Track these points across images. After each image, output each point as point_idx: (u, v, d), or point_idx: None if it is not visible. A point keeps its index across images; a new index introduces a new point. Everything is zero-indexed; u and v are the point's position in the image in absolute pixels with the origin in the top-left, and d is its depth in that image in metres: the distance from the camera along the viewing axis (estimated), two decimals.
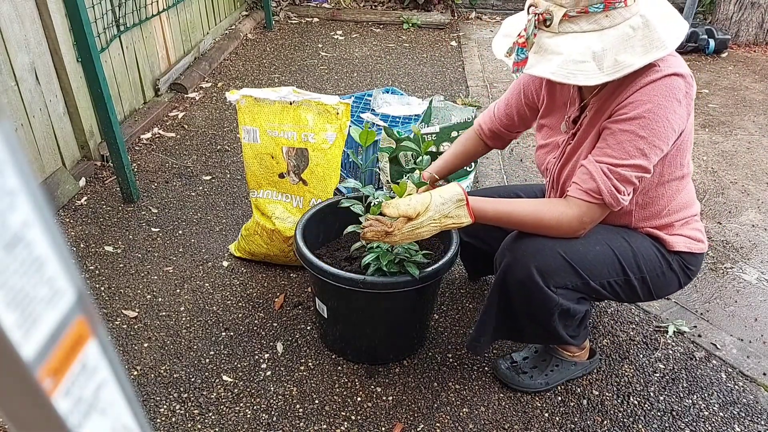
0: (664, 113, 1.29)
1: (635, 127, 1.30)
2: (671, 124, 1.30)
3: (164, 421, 1.59)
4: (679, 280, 1.57)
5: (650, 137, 1.30)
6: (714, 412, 1.68)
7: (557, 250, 1.43)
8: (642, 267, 1.50)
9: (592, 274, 1.46)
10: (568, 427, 1.62)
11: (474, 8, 5.54)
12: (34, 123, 2.35)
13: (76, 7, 2.00)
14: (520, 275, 1.45)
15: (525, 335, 1.63)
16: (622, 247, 1.49)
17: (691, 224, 1.57)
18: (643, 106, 1.29)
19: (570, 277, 1.45)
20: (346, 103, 1.92)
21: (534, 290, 1.44)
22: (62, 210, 2.44)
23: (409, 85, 3.85)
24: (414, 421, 1.62)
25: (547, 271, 1.42)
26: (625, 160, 1.32)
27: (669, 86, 1.29)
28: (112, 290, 2.04)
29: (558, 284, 1.45)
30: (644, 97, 1.29)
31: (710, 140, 3.26)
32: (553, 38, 1.27)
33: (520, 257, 1.44)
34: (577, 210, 1.39)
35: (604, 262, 1.47)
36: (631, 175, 1.33)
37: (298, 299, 2.03)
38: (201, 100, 3.50)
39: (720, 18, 4.79)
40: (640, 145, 1.31)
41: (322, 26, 4.92)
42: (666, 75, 1.29)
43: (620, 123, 1.33)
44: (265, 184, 2.05)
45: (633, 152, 1.31)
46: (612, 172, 1.33)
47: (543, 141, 1.65)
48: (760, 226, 2.54)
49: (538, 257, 1.43)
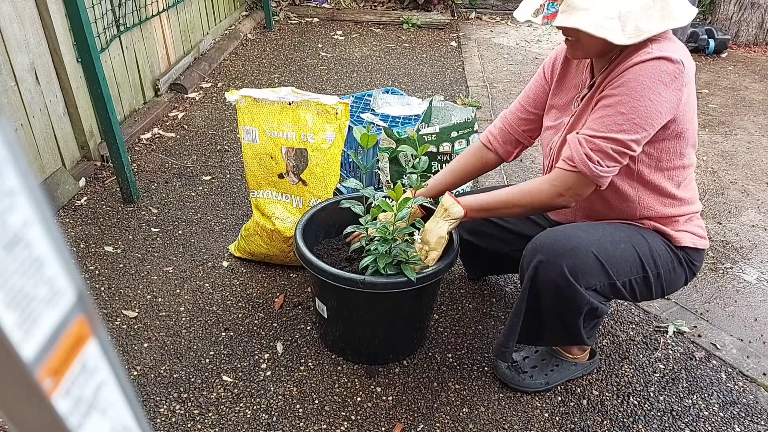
0: (647, 93, 1.33)
1: (616, 103, 1.36)
2: (654, 105, 1.33)
3: (164, 421, 1.59)
4: (686, 275, 1.59)
5: (629, 114, 1.34)
6: (714, 412, 1.68)
7: (590, 249, 1.44)
8: (658, 263, 1.52)
9: (618, 274, 1.47)
10: (568, 427, 1.62)
11: (474, 8, 5.54)
12: (34, 123, 2.35)
13: (76, 7, 2.00)
14: (552, 274, 1.44)
15: (544, 338, 1.62)
16: (640, 243, 1.51)
17: (694, 221, 1.60)
18: (627, 85, 1.34)
19: (599, 276, 1.45)
20: (345, 103, 1.92)
21: (566, 289, 1.44)
22: (62, 210, 2.43)
23: (409, 85, 3.85)
24: (414, 421, 1.62)
25: (581, 270, 1.43)
26: (602, 133, 1.37)
27: (655, 68, 1.32)
28: (112, 290, 2.04)
29: (588, 285, 1.45)
30: (630, 76, 1.34)
31: (710, 140, 3.26)
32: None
33: (553, 257, 1.44)
34: (552, 176, 1.45)
35: (627, 259, 1.48)
36: (606, 146, 1.36)
37: (298, 299, 2.03)
38: (201, 100, 3.50)
39: (720, 18, 4.79)
40: (618, 120, 1.35)
41: (322, 26, 4.92)
42: (654, 57, 1.32)
43: (604, 99, 1.38)
44: (264, 184, 2.05)
45: (611, 126, 1.36)
46: (587, 141, 1.38)
47: (551, 123, 1.65)
48: (760, 226, 2.54)
49: (571, 256, 1.43)
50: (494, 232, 1.84)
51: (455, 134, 2.24)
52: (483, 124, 3.21)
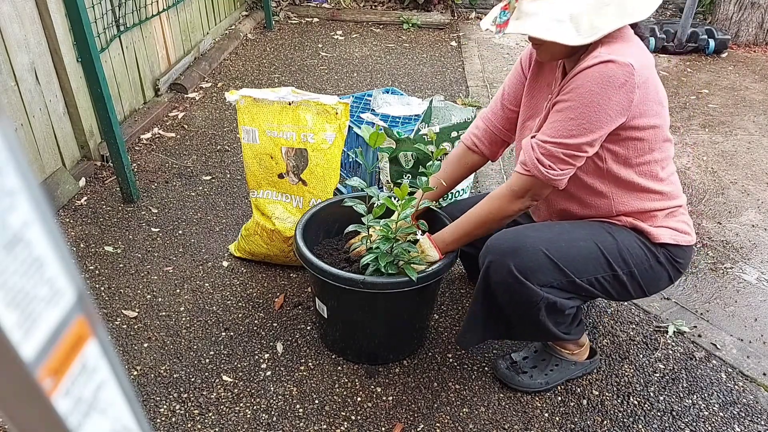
0: (595, 98, 1.34)
1: (566, 108, 1.38)
2: (603, 108, 1.34)
3: (164, 421, 1.59)
4: (669, 273, 1.56)
5: (578, 119, 1.36)
6: (714, 412, 1.68)
7: (539, 248, 1.45)
8: (629, 261, 1.50)
9: (576, 271, 1.47)
10: (568, 427, 1.62)
11: (474, 8, 5.54)
12: (34, 123, 2.35)
13: (76, 7, 2.00)
14: (500, 275, 1.47)
15: (515, 332, 1.64)
16: (606, 241, 1.50)
17: (676, 216, 1.57)
18: (575, 91, 1.36)
19: (553, 274, 1.46)
20: (345, 103, 1.92)
21: (516, 287, 1.46)
22: (62, 210, 2.44)
23: (409, 85, 3.85)
24: (414, 421, 1.62)
25: (529, 269, 1.44)
26: (553, 138, 1.39)
27: (602, 72, 1.32)
28: (112, 290, 2.04)
29: (542, 282, 1.45)
30: (579, 82, 1.35)
31: (710, 140, 3.26)
32: (532, 3, 1.35)
33: (500, 257, 1.47)
34: (510, 180, 1.48)
35: (588, 257, 1.47)
36: (557, 151, 1.39)
37: (298, 299, 2.03)
38: (201, 100, 3.50)
39: (720, 18, 4.79)
40: (568, 126, 1.37)
41: (322, 26, 4.92)
42: (601, 62, 1.32)
43: (557, 105, 1.41)
44: (264, 184, 2.05)
45: (561, 131, 1.38)
46: (539, 147, 1.41)
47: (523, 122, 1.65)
48: (760, 226, 2.54)
49: (518, 256, 1.44)
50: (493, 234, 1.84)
51: (455, 134, 2.24)
52: None
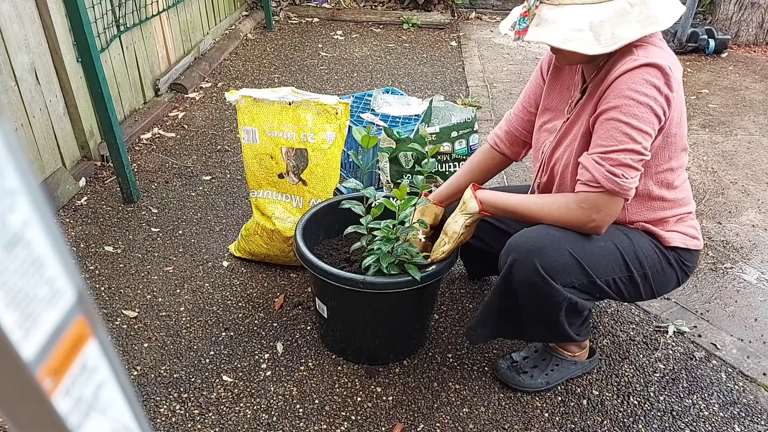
0: (644, 99, 1.33)
1: (617, 114, 1.36)
2: (651, 109, 1.34)
3: (164, 421, 1.59)
4: (677, 276, 1.58)
5: (632, 121, 1.34)
6: (714, 412, 1.68)
7: (565, 247, 1.43)
8: (643, 263, 1.51)
9: (597, 272, 1.46)
10: (568, 427, 1.62)
11: (474, 8, 5.54)
12: (34, 123, 2.35)
13: (76, 7, 2.00)
14: (525, 274, 1.44)
15: (527, 333, 1.63)
16: (623, 242, 1.50)
17: (686, 221, 1.59)
18: (622, 94, 1.34)
19: (576, 275, 1.45)
20: (345, 103, 1.92)
21: (540, 286, 1.44)
22: (62, 210, 2.43)
23: (409, 85, 3.85)
24: (414, 421, 1.62)
25: (554, 269, 1.43)
26: (614, 146, 1.37)
27: (645, 75, 1.33)
28: (112, 290, 2.04)
29: (565, 282, 1.45)
30: (623, 85, 1.34)
31: (710, 140, 3.26)
32: (552, 10, 1.34)
33: (525, 255, 1.44)
34: (578, 198, 1.43)
35: (608, 258, 1.48)
36: (624, 158, 1.36)
37: (298, 299, 2.03)
38: (201, 100, 3.50)
39: (720, 18, 4.79)
40: (625, 130, 1.35)
41: (322, 26, 4.92)
42: (642, 65, 1.33)
43: (604, 113, 1.38)
44: (264, 184, 2.05)
45: (620, 137, 1.36)
46: (604, 159, 1.37)
47: (543, 125, 1.65)
48: (760, 226, 2.54)
49: (544, 254, 1.42)
50: (493, 233, 1.84)
51: (455, 134, 2.24)
52: (483, 124, 3.22)
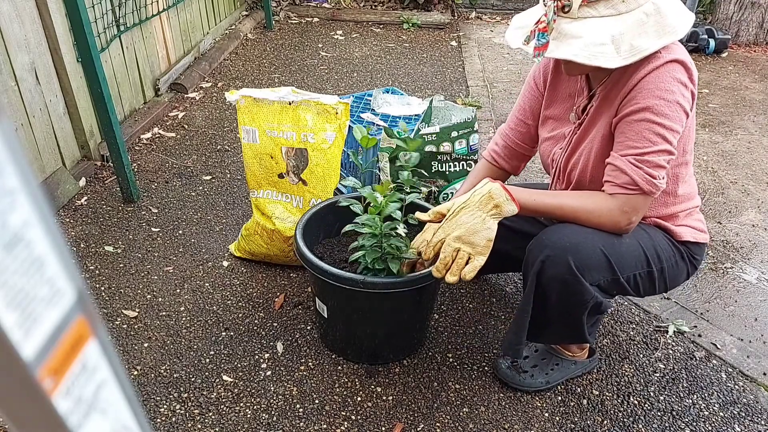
0: (673, 97, 1.34)
1: (649, 115, 1.35)
2: (681, 106, 1.35)
3: (164, 421, 1.59)
4: (687, 270, 1.60)
5: (665, 122, 1.34)
6: (714, 412, 1.68)
7: (598, 245, 1.43)
8: (661, 256, 1.52)
9: (622, 269, 1.47)
10: (568, 427, 1.62)
11: (474, 8, 5.54)
12: (34, 123, 2.35)
13: (76, 7, 2.00)
14: (557, 270, 1.43)
15: (545, 334, 1.61)
16: (643, 238, 1.51)
17: (693, 215, 1.61)
18: (651, 94, 1.34)
19: (604, 272, 1.45)
20: (345, 103, 1.92)
21: (571, 283, 1.43)
22: (62, 210, 2.43)
23: (409, 85, 3.84)
24: (414, 421, 1.62)
25: (586, 266, 1.42)
26: (649, 148, 1.36)
27: (673, 71, 1.34)
28: (112, 290, 2.04)
29: (593, 281, 1.45)
30: (651, 85, 1.34)
31: (710, 140, 3.26)
32: (571, 23, 1.32)
33: (559, 251, 1.43)
34: (618, 201, 1.41)
35: (632, 254, 1.48)
36: (660, 159, 1.37)
37: (298, 299, 2.03)
38: (201, 100, 3.50)
39: (720, 18, 4.79)
40: (658, 131, 1.35)
41: (322, 26, 4.92)
42: (668, 61, 1.34)
43: (634, 114, 1.37)
44: (265, 184, 2.05)
45: (654, 138, 1.36)
46: (641, 161, 1.37)
47: (548, 134, 1.65)
48: (760, 226, 2.54)
49: (578, 252, 1.42)
50: None
51: (455, 134, 2.24)
52: (483, 124, 3.21)
